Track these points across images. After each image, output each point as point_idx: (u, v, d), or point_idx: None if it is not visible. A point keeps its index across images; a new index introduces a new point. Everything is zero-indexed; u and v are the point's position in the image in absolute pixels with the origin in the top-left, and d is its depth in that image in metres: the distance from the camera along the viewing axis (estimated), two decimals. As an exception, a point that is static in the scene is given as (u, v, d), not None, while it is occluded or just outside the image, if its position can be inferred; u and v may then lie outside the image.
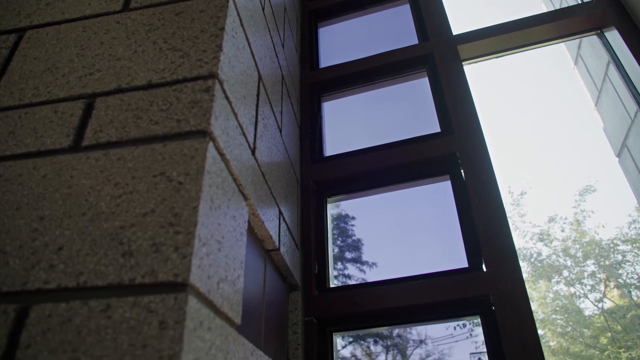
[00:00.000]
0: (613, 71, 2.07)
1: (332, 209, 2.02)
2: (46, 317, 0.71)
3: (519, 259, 1.51)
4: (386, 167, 1.88)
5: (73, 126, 0.95)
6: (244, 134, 1.08)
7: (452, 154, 1.80)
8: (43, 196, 0.85)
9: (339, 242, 2.86)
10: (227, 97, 0.98)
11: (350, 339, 2.75)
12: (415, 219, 2.19)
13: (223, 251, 0.84)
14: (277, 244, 1.33)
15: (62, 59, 1.07)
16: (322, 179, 1.93)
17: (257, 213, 1.14)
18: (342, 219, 2.64)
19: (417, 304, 1.54)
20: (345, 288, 1.73)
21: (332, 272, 1.79)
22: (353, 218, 2.63)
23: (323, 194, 1.95)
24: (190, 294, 0.68)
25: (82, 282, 0.73)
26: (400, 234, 2.24)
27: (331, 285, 1.75)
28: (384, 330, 3.05)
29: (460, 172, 1.77)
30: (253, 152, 1.17)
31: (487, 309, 1.49)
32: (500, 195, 1.62)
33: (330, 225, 1.92)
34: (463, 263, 1.60)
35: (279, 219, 1.40)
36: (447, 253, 1.77)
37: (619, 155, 2.35)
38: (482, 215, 1.60)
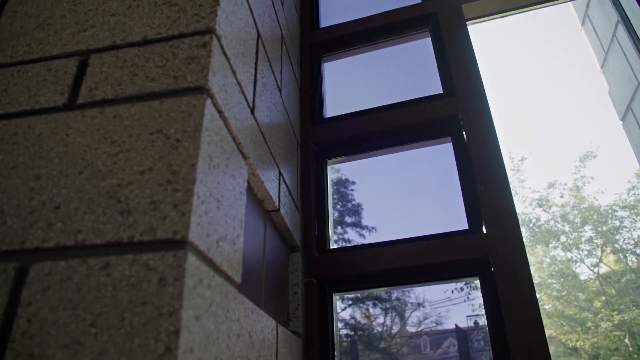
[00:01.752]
0: (622, 32, 2.02)
1: (332, 174, 2.01)
2: (46, 275, 0.70)
3: (519, 222, 1.50)
4: (387, 129, 1.86)
5: (67, 84, 0.92)
6: (242, 92, 1.06)
7: (454, 116, 1.77)
8: (39, 155, 0.84)
9: (338, 207, 2.86)
10: (225, 54, 0.95)
11: (350, 302, 2.79)
12: (415, 181, 2.18)
13: (222, 210, 0.83)
14: (277, 204, 1.33)
15: (54, 14, 1.03)
16: (323, 140, 1.91)
17: (256, 173, 1.13)
18: (342, 184, 2.64)
19: (416, 265, 1.55)
20: (345, 249, 1.74)
21: (332, 235, 1.79)
22: (353, 183, 2.62)
23: (323, 156, 1.93)
24: (189, 252, 0.68)
25: (80, 240, 0.72)
26: (400, 197, 2.24)
27: (331, 247, 1.76)
28: (383, 292, 3.09)
29: (462, 134, 1.75)
30: (252, 111, 1.14)
31: (487, 271, 1.50)
32: (502, 158, 1.61)
33: (330, 188, 1.92)
34: (463, 225, 1.60)
35: (279, 180, 1.39)
36: (448, 215, 1.77)
37: (623, 118, 2.32)
38: (483, 178, 1.59)
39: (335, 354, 1.57)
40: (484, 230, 1.53)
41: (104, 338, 0.63)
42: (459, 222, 1.62)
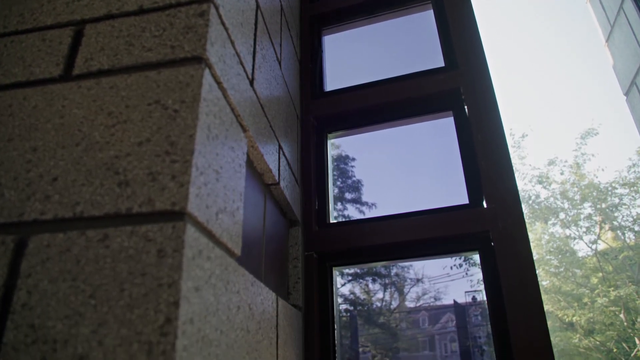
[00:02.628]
0: (629, 4, 1.97)
1: (332, 150, 1.99)
2: (45, 247, 0.70)
3: (519, 196, 1.50)
4: (388, 103, 1.84)
5: (62, 55, 0.91)
6: (241, 64, 1.04)
7: (456, 90, 1.75)
8: (35, 127, 0.83)
9: (338, 183, 2.85)
10: (223, 23, 0.93)
11: (349, 278, 2.82)
12: (416, 156, 2.17)
13: (221, 181, 0.82)
14: (277, 178, 1.32)
15: (47, -18, 1.01)
16: (323, 114, 1.89)
17: (256, 146, 1.12)
18: (342, 160, 2.62)
19: (417, 240, 1.55)
20: (345, 224, 1.74)
21: (332, 210, 1.79)
22: (353, 159, 2.61)
23: (323, 130, 1.92)
24: (188, 223, 0.67)
25: (78, 212, 0.72)
26: (400, 172, 2.23)
27: (331, 221, 1.76)
28: (382, 268, 3.11)
29: (464, 108, 1.73)
30: (251, 83, 1.13)
31: (486, 245, 1.50)
32: (504, 132, 1.59)
33: (330, 162, 1.90)
34: (464, 200, 1.60)
35: (279, 153, 1.38)
36: (448, 190, 1.77)
37: (627, 93, 2.29)
38: (484, 152, 1.57)
39: (335, 327, 1.58)
40: (485, 205, 1.53)
41: (104, 309, 0.63)
42: (460, 196, 1.61)
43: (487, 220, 1.48)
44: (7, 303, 0.67)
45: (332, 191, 1.84)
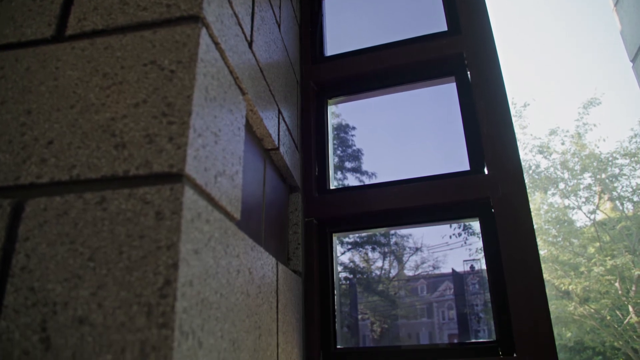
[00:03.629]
0: (638, -35, 1.91)
1: (332, 119, 1.96)
2: (42, 210, 0.69)
3: (521, 163, 1.48)
4: (389, 68, 1.80)
5: (54, 14, 0.88)
6: (239, 25, 1.01)
7: (459, 55, 1.71)
8: (28, 89, 0.81)
9: (339, 152, 2.84)
10: (219, -19, 0.90)
11: (349, 246, 2.83)
12: (417, 122, 2.15)
13: (220, 144, 0.81)
14: (276, 143, 1.30)
15: (37, -62, 0.96)
16: (323, 79, 1.86)
17: (255, 110, 1.10)
18: (342, 129, 2.60)
19: (417, 206, 1.55)
20: (345, 190, 1.73)
21: (332, 177, 1.78)
22: (353, 128, 2.58)
23: (324, 96, 1.89)
24: (186, 185, 0.66)
25: (75, 175, 0.71)
26: (401, 139, 2.21)
27: (331, 187, 1.75)
28: (382, 237, 3.13)
29: (467, 74, 1.70)
30: (250, 45, 1.10)
31: (487, 212, 1.50)
32: (507, 98, 1.56)
33: (330, 130, 1.88)
34: (465, 166, 1.58)
35: (279, 119, 1.36)
36: (449, 157, 1.75)
37: (633, 60, 2.25)
38: (487, 118, 1.55)
39: (335, 292, 1.59)
40: (486, 172, 1.52)
41: (103, 272, 0.63)
42: (461, 163, 1.60)
43: (488, 187, 1.47)
44: (6, 266, 0.66)
45: (332, 158, 1.83)
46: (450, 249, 2.33)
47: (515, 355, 1.29)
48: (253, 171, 1.16)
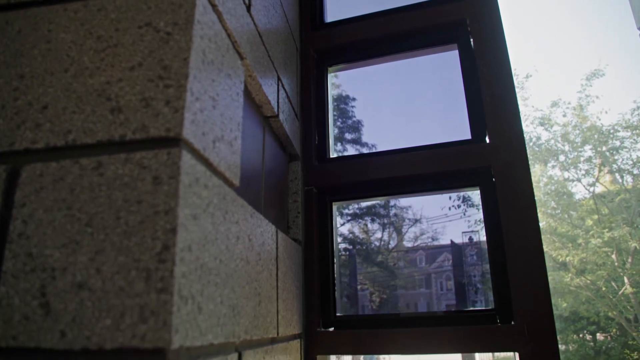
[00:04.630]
0: None
1: (332, 90, 1.93)
2: (38, 176, 0.68)
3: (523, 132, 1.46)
4: (390, 34, 1.76)
5: (46, -26, 0.85)
6: (237, -13, 0.98)
7: (462, 21, 1.67)
8: (20, 53, 0.79)
9: (339, 124, 2.81)
10: (216, -61, 0.86)
11: (349, 217, 2.84)
12: (418, 91, 2.12)
13: (218, 109, 0.79)
14: (275, 110, 1.28)
15: None
16: (323, 47, 1.82)
17: (254, 75, 1.08)
18: (342, 100, 2.57)
19: (417, 174, 1.54)
20: (345, 158, 1.72)
21: (332, 147, 1.76)
22: (353, 99, 2.55)
23: (324, 63, 1.85)
24: (184, 149, 0.65)
25: (70, 140, 0.69)
26: (402, 107, 2.19)
27: (331, 156, 1.73)
28: (381, 209, 3.13)
29: (469, 41, 1.66)
30: (248, 8, 1.07)
31: (487, 180, 1.49)
32: (510, 66, 1.54)
33: (330, 99, 1.86)
34: (466, 135, 1.57)
35: (278, 85, 1.33)
36: (450, 126, 1.73)
37: (640, 27, 2.19)
38: (489, 86, 1.53)
39: (335, 261, 1.60)
40: (487, 140, 1.50)
41: (101, 237, 0.62)
42: (462, 132, 1.58)
43: (489, 156, 1.46)
44: (4, 232, 0.66)
45: (332, 126, 1.81)
46: (450, 220, 2.34)
47: (513, 322, 1.31)
48: (252, 138, 1.14)
